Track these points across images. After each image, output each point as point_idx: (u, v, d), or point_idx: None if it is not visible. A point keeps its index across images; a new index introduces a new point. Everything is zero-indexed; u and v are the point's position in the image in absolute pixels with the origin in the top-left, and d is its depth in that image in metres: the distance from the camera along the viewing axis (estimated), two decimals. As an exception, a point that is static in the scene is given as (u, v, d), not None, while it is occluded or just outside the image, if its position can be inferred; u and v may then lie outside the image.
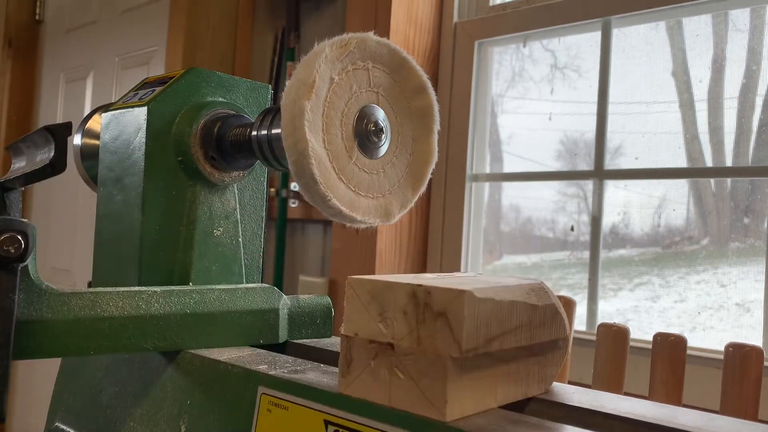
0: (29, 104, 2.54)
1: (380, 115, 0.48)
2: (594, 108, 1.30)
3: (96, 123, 0.64)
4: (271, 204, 1.64)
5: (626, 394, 0.73)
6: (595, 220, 1.28)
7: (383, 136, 0.48)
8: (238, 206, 0.59)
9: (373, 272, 1.42)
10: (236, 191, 0.59)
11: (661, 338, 0.77)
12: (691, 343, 0.79)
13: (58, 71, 2.43)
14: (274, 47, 1.73)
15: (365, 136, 0.47)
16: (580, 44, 1.36)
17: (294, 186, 1.62)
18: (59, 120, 2.38)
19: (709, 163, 1.19)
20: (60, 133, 0.52)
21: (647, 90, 1.26)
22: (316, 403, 0.39)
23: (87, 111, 1.90)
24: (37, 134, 0.55)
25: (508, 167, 1.49)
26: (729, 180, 1.18)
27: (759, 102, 1.14)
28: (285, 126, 0.44)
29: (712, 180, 1.20)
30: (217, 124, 0.55)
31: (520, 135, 1.48)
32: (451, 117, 1.49)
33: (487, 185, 1.49)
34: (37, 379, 2.31)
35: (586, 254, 1.30)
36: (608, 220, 1.29)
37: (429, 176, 0.51)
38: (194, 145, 0.55)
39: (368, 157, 0.48)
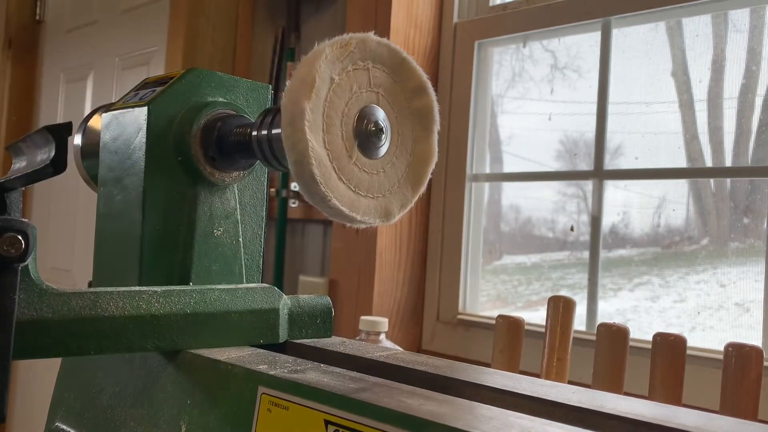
0: (29, 104, 2.54)
1: (380, 115, 0.48)
2: (594, 108, 1.30)
3: (96, 123, 0.64)
4: (271, 204, 1.64)
5: (626, 394, 0.73)
6: (595, 220, 1.28)
7: (383, 136, 0.48)
8: (238, 206, 0.59)
9: (373, 272, 1.42)
10: (236, 191, 0.59)
11: (660, 338, 0.77)
12: (690, 343, 0.79)
13: (58, 71, 2.43)
14: (274, 47, 1.73)
15: (365, 136, 0.47)
16: (580, 44, 1.36)
17: (294, 186, 1.62)
18: (59, 120, 2.38)
19: (709, 163, 1.19)
20: (60, 133, 0.52)
21: (647, 90, 1.26)
22: (316, 403, 0.39)
23: (87, 111, 1.90)
24: (37, 134, 0.55)
25: (508, 167, 1.49)
26: (729, 180, 1.18)
27: (759, 102, 1.14)
28: (285, 126, 0.44)
29: (711, 180, 1.20)
30: (217, 124, 0.55)
31: (520, 135, 1.48)
32: (451, 117, 1.49)
33: (487, 185, 1.49)
34: (37, 379, 2.31)
35: (586, 254, 1.30)
36: (608, 220, 1.29)
37: (429, 176, 0.51)
38: (194, 146, 0.55)
39: (368, 157, 0.48)
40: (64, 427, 0.59)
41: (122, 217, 0.56)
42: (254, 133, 0.52)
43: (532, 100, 1.44)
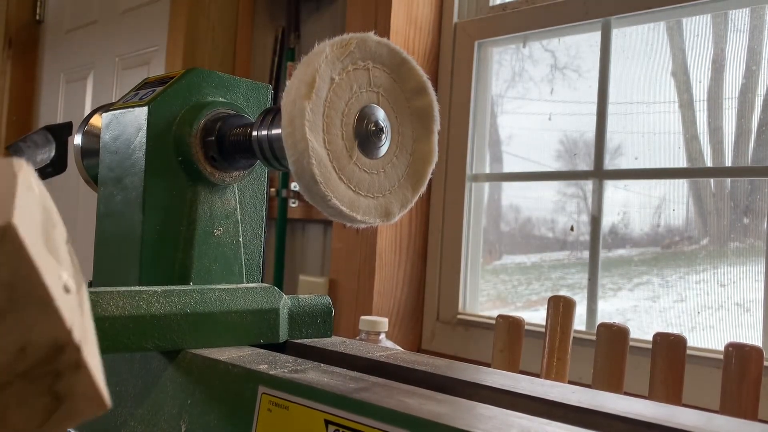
0: (29, 104, 2.54)
1: (380, 115, 0.48)
2: (594, 108, 1.30)
3: (97, 123, 0.64)
4: (271, 204, 1.64)
5: (626, 393, 0.73)
6: (595, 220, 1.28)
7: (383, 136, 0.48)
8: (238, 206, 0.59)
9: (373, 272, 1.42)
10: (237, 191, 0.59)
11: (660, 338, 0.77)
12: (690, 342, 0.79)
13: (59, 71, 2.43)
14: (274, 47, 1.73)
15: (365, 136, 0.47)
16: (580, 44, 1.36)
17: (294, 186, 1.62)
18: (59, 120, 2.38)
19: (709, 163, 1.19)
20: (60, 133, 0.53)
21: (647, 90, 1.26)
22: (316, 403, 0.39)
23: (87, 111, 1.90)
24: (37, 134, 0.55)
25: (508, 167, 1.49)
26: (728, 180, 1.18)
27: (758, 102, 1.14)
28: (285, 126, 0.44)
29: (711, 180, 1.20)
30: (217, 124, 0.55)
31: (520, 135, 1.48)
32: (451, 117, 1.49)
33: (487, 185, 1.49)
34: (37, 379, 2.31)
35: (586, 254, 1.30)
36: (608, 220, 1.29)
37: (429, 176, 0.51)
38: (195, 145, 0.55)
39: (368, 157, 0.48)
40: (64, 426, 0.59)
41: (122, 217, 0.56)
42: (254, 133, 0.52)
43: (532, 100, 1.44)
